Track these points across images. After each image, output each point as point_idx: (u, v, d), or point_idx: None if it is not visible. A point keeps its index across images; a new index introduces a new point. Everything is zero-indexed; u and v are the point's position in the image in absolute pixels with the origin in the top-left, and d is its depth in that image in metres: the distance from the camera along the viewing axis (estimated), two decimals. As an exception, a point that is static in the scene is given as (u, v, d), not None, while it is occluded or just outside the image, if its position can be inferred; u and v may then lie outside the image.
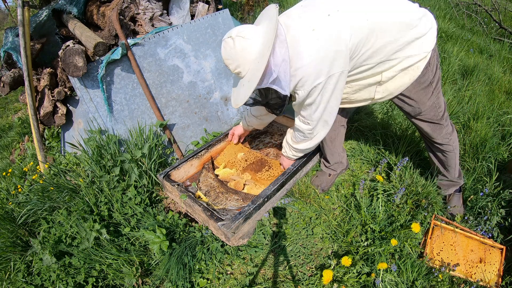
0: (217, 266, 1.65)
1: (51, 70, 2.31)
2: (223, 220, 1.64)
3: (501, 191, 1.79)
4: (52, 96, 2.28)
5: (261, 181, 2.01)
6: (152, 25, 2.33)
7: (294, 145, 1.74)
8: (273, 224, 1.85)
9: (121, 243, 1.78)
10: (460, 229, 1.67)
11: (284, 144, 1.85)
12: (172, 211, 1.95)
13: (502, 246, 1.61)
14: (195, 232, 1.77)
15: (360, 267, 1.54)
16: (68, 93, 2.27)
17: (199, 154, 2.17)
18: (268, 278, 1.61)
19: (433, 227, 1.71)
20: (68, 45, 1.90)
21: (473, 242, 1.65)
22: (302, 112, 1.47)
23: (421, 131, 1.67)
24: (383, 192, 1.84)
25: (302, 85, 1.31)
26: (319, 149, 2.13)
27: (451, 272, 1.53)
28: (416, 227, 1.53)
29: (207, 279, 1.61)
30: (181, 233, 1.77)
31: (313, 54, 1.24)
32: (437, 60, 1.44)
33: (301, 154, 1.85)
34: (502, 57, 3.74)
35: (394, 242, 1.48)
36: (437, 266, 1.55)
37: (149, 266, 1.70)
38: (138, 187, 2.00)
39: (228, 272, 1.65)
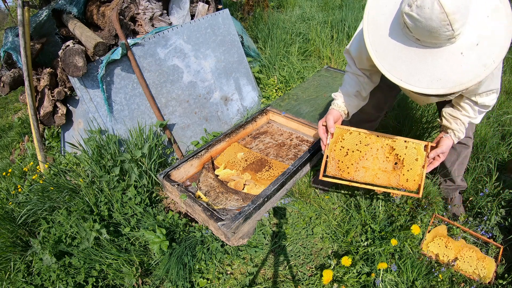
0: (217, 266, 1.65)
1: (51, 70, 2.31)
2: (223, 220, 1.64)
3: (501, 191, 1.79)
4: (52, 96, 2.28)
5: (261, 181, 2.01)
6: (152, 25, 2.33)
7: (469, 123, 1.41)
8: (273, 224, 1.85)
9: (121, 243, 1.78)
10: (462, 230, 1.67)
11: (459, 128, 1.40)
12: (172, 211, 1.95)
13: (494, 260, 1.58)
14: (195, 232, 1.77)
15: (360, 267, 1.54)
16: (68, 93, 2.27)
17: (199, 154, 2.17)
18: (268, 278, 1.61)
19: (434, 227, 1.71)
20: (68, 45, 1.90)
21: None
22: (488, 85, 1.22)
23: None
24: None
25: None
26: (319, 148, 2.13)
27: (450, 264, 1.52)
28: (416, 229, 1.52)
29: (207, 279, 1.61)
30: (181, 233, 1.77)
31: None
32: None
33: None
34: (502, 57, 3.74)
35: (394, 242, 1.48)
36: (434, 257, 1.54)
37: (149, 266, 1.70)
38: (138, 187, 1.99)
39: (228, 272, 1.65)
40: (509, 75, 3.32)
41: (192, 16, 2.57)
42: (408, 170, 1.46)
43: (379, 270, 1.45)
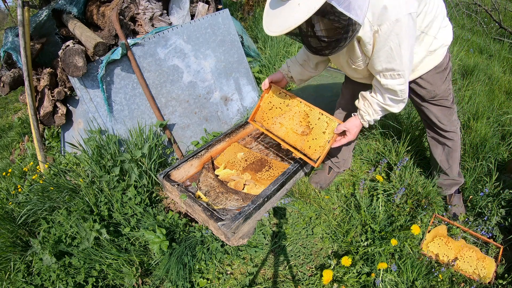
0: (217, 266, 1.65)
1: (51, 70, 2.31)
2: (223, 220, 1.64)
3: (501, 191, 1.80)
4: (52, 96, 2.28)
5: (261, 181, 2.01)
6: (152, 25, 2.33)
7: (382, 108, 1.44)
8: (273, 224, 1.85)
9: (121, 243, 1.78)
10: (462, 230, 1.68)
11: (365, 109, 1.47)
12: (172, 211, 1.95)
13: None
14: (195, 232, 1.77)
15: (360, 267, 1.54)
16: (68, 93, 2.27)
17: (199, 154, 2.17)
18: (268, 278, 1.61)
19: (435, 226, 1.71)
20: (68, 45, 1.90)
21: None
22: (388, 63, 1.25)
23: (430, 118, 1.65)
24: (383, 192, 1.84)
25: (385, 18, 1.13)
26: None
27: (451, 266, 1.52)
28: (416, 229, 1.52)
29: (207, 279, 1.62)
30: (181, 233, 1.77)
31: None
32: (449, 51, 1.51)
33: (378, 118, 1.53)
34: (502, 57, 3.74)
35: (394, 242, 1.48)
36: (434, 257, 1.55)
37: (149, 266, 1.71)
38: (138, 187, 2.00)
39: (228, 272, 1.65)
40: (509, 75, 3.33)
41: (192, 16, 2.57)
42: (313, 139, 1.66)
43: (379, 270, 1.45)
